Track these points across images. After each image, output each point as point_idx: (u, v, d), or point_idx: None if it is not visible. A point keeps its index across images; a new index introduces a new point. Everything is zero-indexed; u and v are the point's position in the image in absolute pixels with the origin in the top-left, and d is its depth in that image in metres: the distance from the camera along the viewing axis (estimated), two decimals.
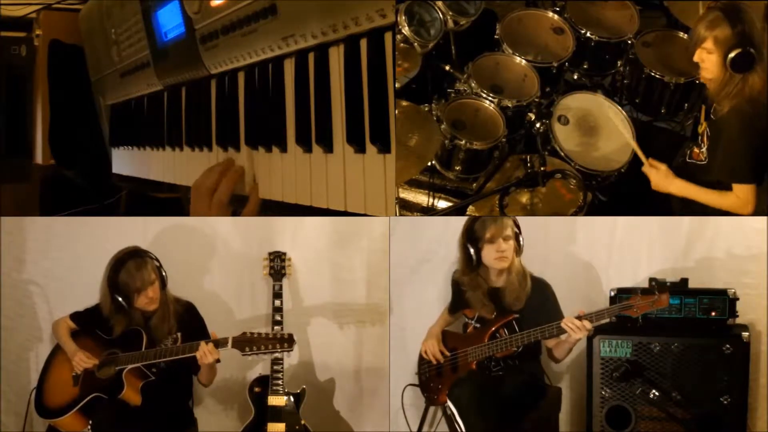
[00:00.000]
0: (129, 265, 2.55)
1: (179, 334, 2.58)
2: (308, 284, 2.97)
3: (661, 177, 2.60)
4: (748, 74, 2.37)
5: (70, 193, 3.56)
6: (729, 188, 2.50)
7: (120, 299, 2.54)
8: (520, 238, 2.56)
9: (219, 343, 2.45)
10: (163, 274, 2.63)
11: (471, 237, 2.58)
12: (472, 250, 2.57)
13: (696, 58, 2.44)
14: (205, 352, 2.43)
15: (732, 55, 2.34)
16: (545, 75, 3.01)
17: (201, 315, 2.70)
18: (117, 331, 2.60)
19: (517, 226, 2.56)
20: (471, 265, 2.60)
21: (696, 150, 2.63)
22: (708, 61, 2.41)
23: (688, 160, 2.67)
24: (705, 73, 2.45)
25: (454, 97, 2.91)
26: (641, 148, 2.71)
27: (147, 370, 2.54)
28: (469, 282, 2.64)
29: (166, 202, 3.14)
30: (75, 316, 2.70)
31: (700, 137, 2.62)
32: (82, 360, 2.56)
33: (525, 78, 2.99)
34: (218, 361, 2.56)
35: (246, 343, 2.43)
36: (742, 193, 2.47)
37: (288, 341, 2.44)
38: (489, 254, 2.56)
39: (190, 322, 2.65)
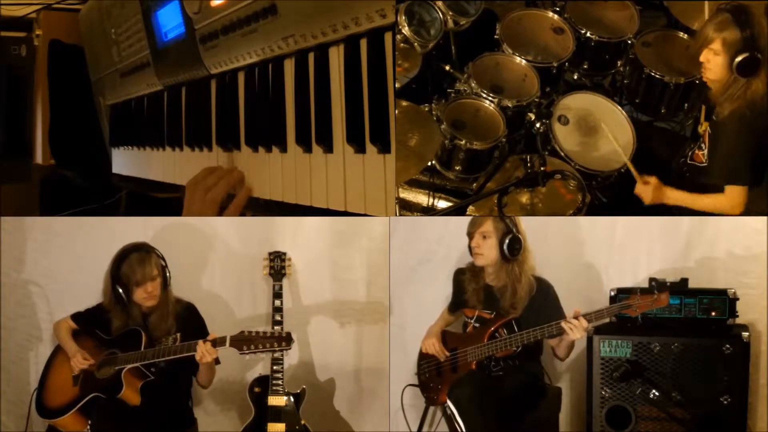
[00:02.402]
0: (132, 257, 2.56)
1: (179, 335, 2.58)
2: (308, 284, 2.97)
3: (651, 191, 2.58)
4: (751, 79, 2.37)
5: (70, 193, 3.56)
6: (721, 191, 2.50)
7: (120, 290, 2.55)
8: (511, 240, 2.54)
9: (217, 342, 2.45)
10: (167, 273, 2.63)
11: (467, 231, 2.63)
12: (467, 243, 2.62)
13: (702, 58, 2.43)
14: (203, 351, 2.43)
15: (739, 59, 2.34)
16: (545, 75, 3.01)
17: (201, 315, 2.70)
18: (115, 325, 2.60)
19: (511, 227, 2.55)
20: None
21: (698, 152, 2.63)
22: (713, 62, 2.41)
23: (689, 162, 2.67)
24: (709, 74, 2.45)
25: (454, 97, 2.91)
26: (642, 148, 2.71)
27: (146, 370, 2.54)
28: (468, 274, 2.67)
29: (166, 202, 3.14)
30: (76, 317, 2.70)
31: (701, 139, 2.62)
32: (80, 361, 2.56)
33: (525, 78, 2.99)
34: (218, 362, 2.56)
35: (244, 341, 2.43)
36: (733, 194, 2.47)
37: (286, 340, 2.44)
38: (471, 244, 2.61)
39: (190, 322, 2.65)
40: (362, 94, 1.78)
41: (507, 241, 2.54)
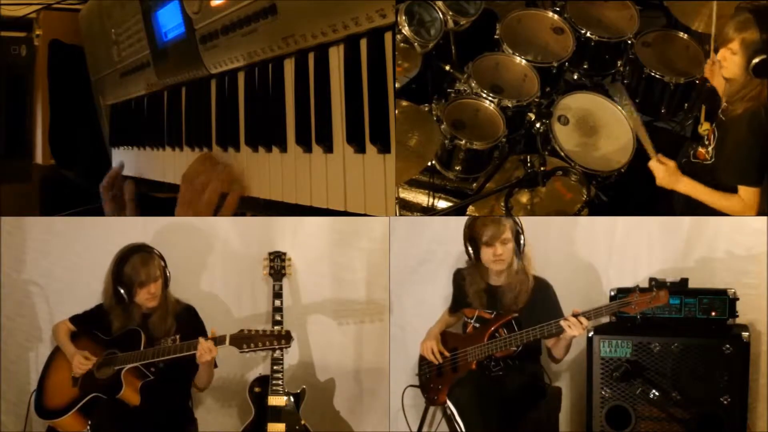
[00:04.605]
0: (135, 259, 2.56)
1: (178, 337, 2.58)
2: (308, 284, 2.97)
3: (668, 174, 2.57)
4: (766, 80, 2.36)
5: (70, 193, 3.56)
6: (733, 190, 2.50)
7: (122, 291, 2.55)
8: (521, 239, 2.57)
9: (217, 341, 2.45)
10: (167, 273, 2.63)
11: (470, 235, 2.61)
12: (470, 248, 2.60)
13: (719, 56, 2.42)
14: (203, 349, 2.43)
15: (756, 60, 2.33)
16: (545, 75, 3.01)
17: (201, 318, 2.69)
18: (115, 325, 2.60)
19: (519, 226, 2.57)
20: (471, 260, 2.63)
21: (701, 150, 2.63)
22: (730, 61, 2.39)
23: (692, 160, 2.67)
24: (725, 72, 2.43)
25: (454, 97, 2.91)
26: (642, 149, 2.71)
27: (146, 370, 2.54)
28: (468, 275, 2.66)
29: (166, 202, 3.13)
30: (74, 319, 2.70)
31: (705, 137, 2.61)
32: (81, 362, 2.56)
33: (525, 78, 2.99)
34: (215, 365, 2.56)
35: (244, 340, 2.43)
36: (747, 195, 2.46)
37: (286, 338, 2.44)
38: (486, 256, 2.58)
39: (190, 324, 2.65)
40: (362, 94, 1.78)
41: (520, 241, 2.56)
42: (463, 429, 2.47)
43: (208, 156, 2.35)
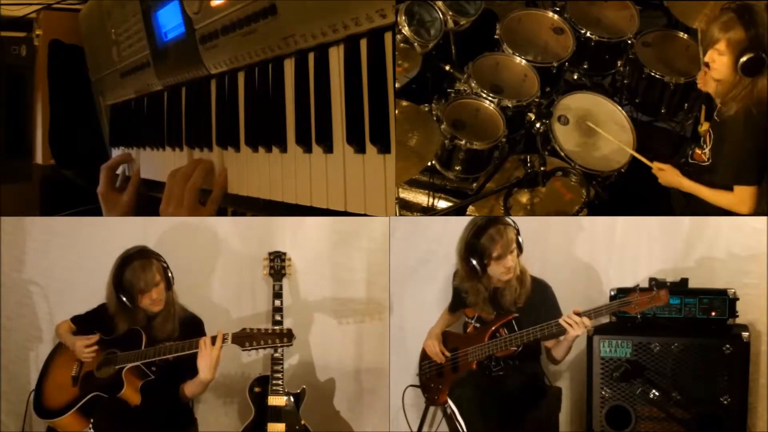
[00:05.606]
0: (134, 265, 2.55)
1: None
2: (308, 284, 2.97)
3: (667, 176, 2.62)
4: (757, 78, 2.37)
5: (70, 193, 3.56)
6: (729, 189, 2.50)
7: (124, 299, 2.54)
8: (520, 240, 2.55)
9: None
10: (169, 275, 2.62)
11: (475, 251, 2.52)
12: (475, 262, 2.53)
13: (707, 59, 2.43)
14: (204, 355, 2.42)
15: (744, 59, 2.34)
16: (545, 75, 3.02)
17: (205, 330, 2.66)
18: (120, 329, 2.59)
19: (516, 229, 2.55)
20: (474, 275, 2.57)
21: (698, 151, 2.63)
22: (718, 62, 2.40)
23: (690, 161, 2.67)
24: (714, 74, 2.44)
25: (454, 97, 2.92)
26: (642, 148, 2.72)
27: (147, 369, 2.54)
28: (470, 288, 2.63)
29: None
30: (76, 319, 2.70)
31: (701, 138, 2.62)
32: (85, 348, 2.53)
33: (525, 78, 2.99)
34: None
35: (246, 338, 2.43)
36: (742, 193, 2.47)
37: (287, 336, 2.44)
38: (496, 270, 2.53)
39: (195, 333, 2.62)
40: (362, 94, 1.78)
41: (520, 243, 2.54)
42: (464, 428, 2.47)
43: (197, 159, 2.42)
